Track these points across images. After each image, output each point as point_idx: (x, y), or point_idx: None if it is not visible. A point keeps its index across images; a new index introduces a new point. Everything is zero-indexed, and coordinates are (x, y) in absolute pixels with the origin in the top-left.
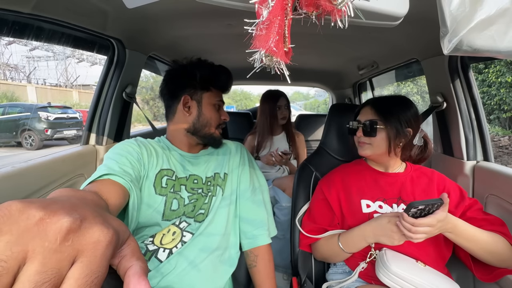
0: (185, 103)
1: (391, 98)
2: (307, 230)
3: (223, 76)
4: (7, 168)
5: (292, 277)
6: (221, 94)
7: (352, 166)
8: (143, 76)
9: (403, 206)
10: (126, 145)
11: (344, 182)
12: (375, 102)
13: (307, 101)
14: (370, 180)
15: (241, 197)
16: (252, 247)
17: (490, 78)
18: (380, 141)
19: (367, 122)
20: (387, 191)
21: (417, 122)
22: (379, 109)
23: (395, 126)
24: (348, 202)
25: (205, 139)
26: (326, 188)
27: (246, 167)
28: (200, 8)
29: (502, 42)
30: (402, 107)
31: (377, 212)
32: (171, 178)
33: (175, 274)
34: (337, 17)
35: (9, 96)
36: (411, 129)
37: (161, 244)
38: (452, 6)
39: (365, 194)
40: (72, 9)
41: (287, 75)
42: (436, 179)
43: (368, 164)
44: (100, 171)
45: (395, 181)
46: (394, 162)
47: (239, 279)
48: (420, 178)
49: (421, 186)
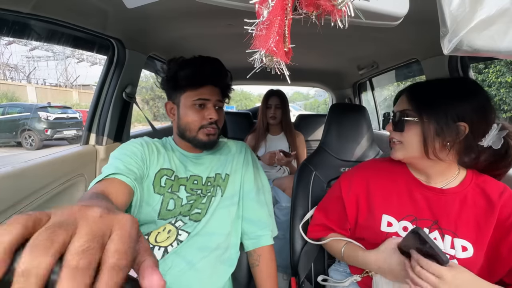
0: (169, 109)
1: (439, 82)
2: (317, 223)
3: (188, 71)
4: (7, 168)
5: (291, 277)
6: (204, 91)
7: (388, 166)
8: (143, 76)
9: (437, 235)
10: (131, 145)
11: (369, 185)
12: (413, 87)
13: (307, 101)
14: (403, 191)
15: (245, 197)
16: (255, 247)
17: (490, 78)
18: (412, 138)
19: (397, 114)
20: (422, 209)
21: (483, 115)
22: (414, 96)
23: (435, 119)
24: (367, 213)
25: (192, 143)
26: (345, 187)
27: (250, 168)
28: (200, 8)
29: (502, 42)
30: (454, 94)
31: (398, 235)
32: (170, 178)
33: (172, 274)
34: (337, 17)
35: (9, 96)
36: (466, 124)
37: (155, 242)
38: (452, 6)
39: (391, 208)
40: (72, 9)
41: (287, 75)
42: (503, 203)
43: (408, 169)
44: (107, 170)
45: (438, 199)
46: (442, 171)
47: (239, 279)
48: (478, 199)
49: (473, 212)
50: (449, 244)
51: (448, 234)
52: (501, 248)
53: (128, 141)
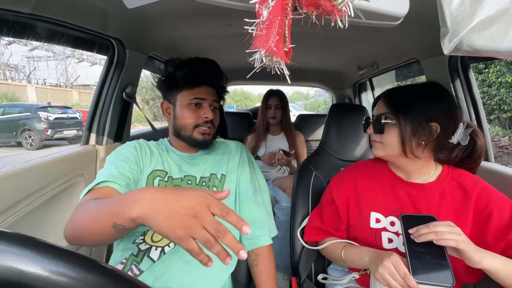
0: (165, 108)
1: (411, 87)
2: (313, 226)
3: (187, 70)
4: (7, 168)
5: (291, 277)
6: (200, 90)
7: (372, 166)
8: (143, 76)
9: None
10: (125, 149)
11: (357, 186)
12: (389, 92)
13: (307, 101)
14: (387, 188)
15: (242, 197)
16: (253, 247)
17: (490, 78)
18: (391, 139)
19: (377, 117)
20: (406, 204)
21: (451, 115)
22: (391, 101)
23: (410, 121)
24: (357, 212)
25: (187, 142)
26: (336, 190)
27: (246, 167)
28: (200, 8)
29: (502, 42)
30: (425, 97)
31: (386, 230)
32: (163, 179)
33: (170, 274)
34: (337, 17)
35: (9, 96)
36: (437, 124)
37: (152, 242)
38: (452, 6)
39: (378, 205)
40: (72, 9)
41: (287, 75)
42: (477, 194)
43: (390, 168)
44: (100, 177)
45: (419, 194)
46: (420, 168)
47: (239, 279)
48: (455, 191)
49: (451, 204)
50: None
51: None
52: (486, 237)
53: (124, 144)
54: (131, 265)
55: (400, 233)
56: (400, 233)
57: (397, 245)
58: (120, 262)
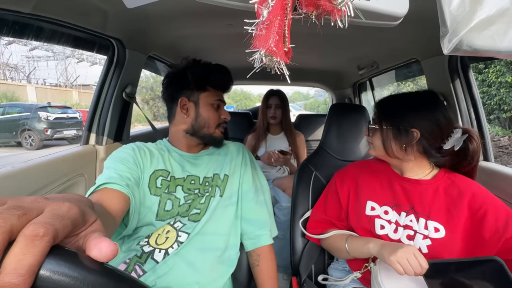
0: (182, 105)
1: (402, 96)
2: (316, 219)
3: (219, 75)
4: (7, 168)
5: (292, 277)
6: (220, 93)
7: (373, 164)
8: (143, 76)
9: (413, 218)
10: (122, 152)
11: (357, 179)
12: (380, 100)
13: (307, 101)
14: (385, 182)
15: (244, 198)
16: (255, 247)
17: (490, 78)
18: (376, 141)
19: (369, 122)
20: (401, 197)
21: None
22: (379, 108)
23: (392, 126)
24: (355, 201)
25: (205, 139)
26: (339, 182)
27: (248, 168)
28: (200, 8)
29: (502, 42)
30: (410, 106)
31: (379, 217)
32: (166, 178)
33: (172, 275)
34: (337, 17)
35: (9, 96)
36: (417, 130)
37: (156, 245)
38: (452, 6)
39: (374, 195)
40: (72, 9)
41: (287, 75)
42: (471, 194)
43: (389, 165)
44: (99, 181)
45: (414, 189)
46: (412, 167)
47: (239, 279)
48: (449, 189)
49: (444, 200)
50: (423, 225)
51: (422, 217)
52: (483, 234)
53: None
54: (134, 265)
55: (392, 221)
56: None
57: (388, 232)
58: (124, 262)
